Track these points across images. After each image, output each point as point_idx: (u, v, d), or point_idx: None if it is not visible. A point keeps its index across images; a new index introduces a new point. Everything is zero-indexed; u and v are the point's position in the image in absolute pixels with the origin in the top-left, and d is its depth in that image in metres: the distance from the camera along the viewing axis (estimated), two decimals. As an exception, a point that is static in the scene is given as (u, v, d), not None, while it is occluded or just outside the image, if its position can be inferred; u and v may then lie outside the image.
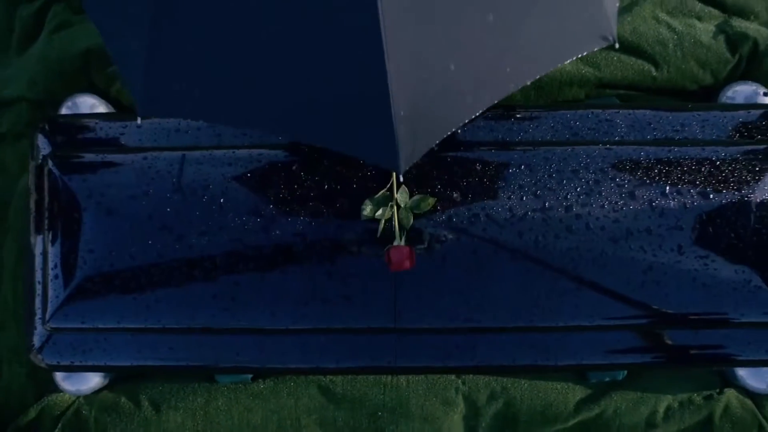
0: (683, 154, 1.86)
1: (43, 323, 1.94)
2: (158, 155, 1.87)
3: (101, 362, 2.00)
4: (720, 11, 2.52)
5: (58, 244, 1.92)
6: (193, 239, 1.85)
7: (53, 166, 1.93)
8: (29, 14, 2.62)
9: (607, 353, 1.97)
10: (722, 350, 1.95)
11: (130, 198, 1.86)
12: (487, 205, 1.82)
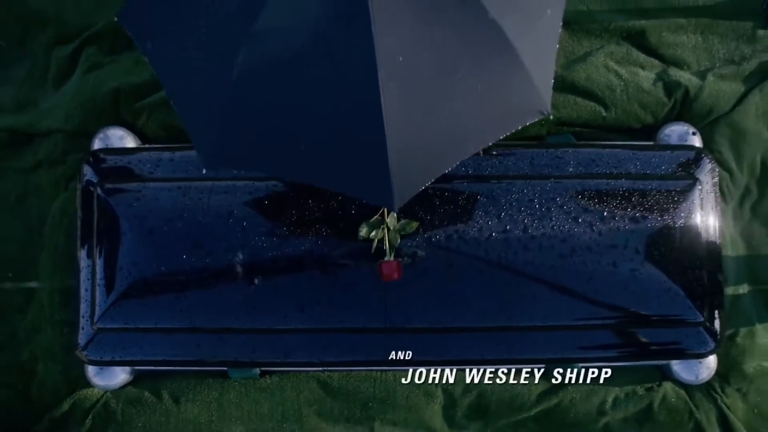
0: (618, 186, 2.34)
1: (92, 324, 2.35)
2: (190, 185, 2.30)
3: (138, 357, 2.41)
4: (660, 61, 3.02)
5: (104, 257, 2.33)
6: (218, 255, 2.28)
7: (99, 192, 2.35)
8: (64, 55, 3.04)
9: (559, 349, 2.42)
10: (651, 346, 2.42)
11: (167, 220, 2.28)
12: (460, 227, 2.27)
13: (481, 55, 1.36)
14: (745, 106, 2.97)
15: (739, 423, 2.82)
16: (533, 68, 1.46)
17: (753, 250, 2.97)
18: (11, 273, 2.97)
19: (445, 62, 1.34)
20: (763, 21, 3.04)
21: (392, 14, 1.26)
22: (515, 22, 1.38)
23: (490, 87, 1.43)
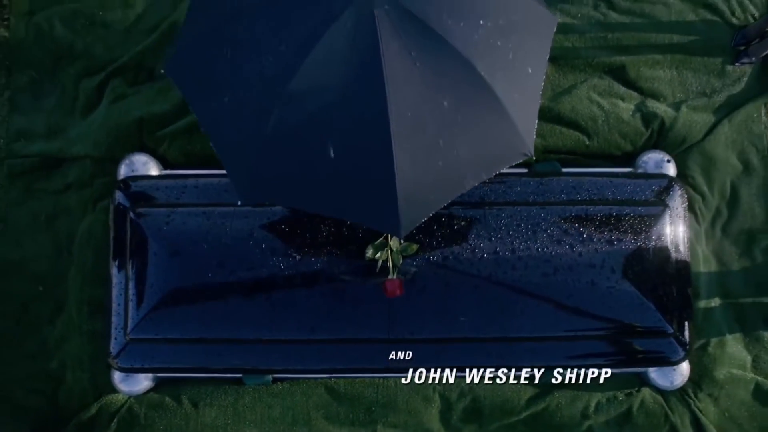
0: (597, 211, 2.63)
1: (124, 335, 2.62)
2: (213, 210, 2.59)
3: (164, 365, 2.69)
4: (638, 94, 3.32)
5: (135, 275, 2.61)
6: (239, 273, 2.55)
7: (131, 215, 2.63)
8: (91, 86, 3.32)
9: (544, 358, 2.71)
10: (627, 355, 2.71)
11: (192, 241, 2.56)
12: (455, 249, 2.57)
13: (474, 110, 1.64)
14: (716, 135, 3.27)
15: (711, 426, 3.11)
16: (518, 119, 1.75)
17: (724, 267, 3.26)
18: (42, 287, 3.24)
19: (444, 116, 1.62)
20: (731, 57, 3.35)
21: (402, 79, 1.54)
22: (503, 81, 1.66)
23: (481, 136, 1.72)
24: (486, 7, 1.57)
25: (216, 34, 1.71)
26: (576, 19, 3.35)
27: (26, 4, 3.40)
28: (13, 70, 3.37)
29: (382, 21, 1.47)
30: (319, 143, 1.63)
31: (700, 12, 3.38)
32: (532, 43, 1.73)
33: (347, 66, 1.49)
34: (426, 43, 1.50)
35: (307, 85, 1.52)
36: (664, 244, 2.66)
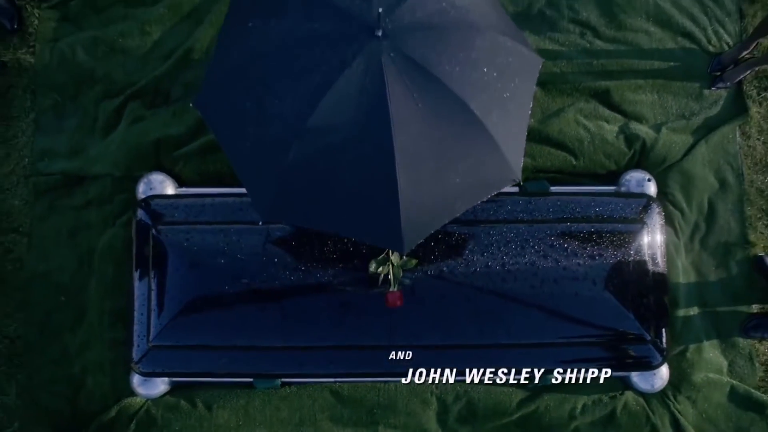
0: (581, 229, 2.88)
1: (147, 342, 2.85)
2: (229, 228, 2.83)
3: (182, 370, 2.92)
4: (622, 116, 3.57)
5: (157, 287, 2.84)
6: (253, 286, 2.79)
7: (153, 232, 2.87)
8: (111, 109, 3.55)
9: (533, 363, 2.95)
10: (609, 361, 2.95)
11: (210, 255, 2.80)
12: (450, 263, 2.81)
13: (468, 144, 1.88)
14: (694, 155, 3.53)
15: (689, 426, 3.34)
16: (507, 150, 1.98)
17: (702, 278, 3.51)
18: (64, 297, 3.46)
19: (442, 149, 1.86)
20: (708, 82, 3.61)
21: (405, 117, 1.78)
22: (494, 117, 1.89)
23: (474, 166, 1.96)
24: (480, 54, 1.81)
25: (241, 73, 1.95)
26: (564, 47, 3.61)
27: (51, 31, 3.64)
28: (37, 93, 3.60)
29: (388, 67, 1.72)
30: (333, 172, 1.87)
31: (679, 40, 3.64)
32: (520, 82, 1.98)
33: (358, 106, 1.73)
34: (426, 86, 1.75)
35: (323, 122, 1.76)
36: (642, 258, 2.92)
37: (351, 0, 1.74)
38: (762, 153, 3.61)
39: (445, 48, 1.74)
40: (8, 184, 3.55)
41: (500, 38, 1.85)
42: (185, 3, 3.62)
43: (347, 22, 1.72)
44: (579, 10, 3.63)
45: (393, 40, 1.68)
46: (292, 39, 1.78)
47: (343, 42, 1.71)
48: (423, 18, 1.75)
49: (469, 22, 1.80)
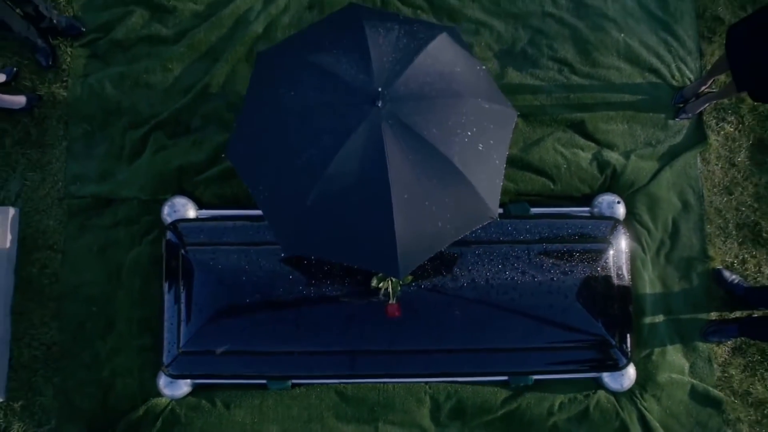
0: (555, 248, 3.35)
1: (177, 348, 3.31)
2: (249, 248, 3.28)
3: (206, 372, 3.37)
4: (595, 144, 4.03)
5: (185, 300, 3.30)
6: (271, 299, 3.25)
7: (182, 252, 3.33)
8: (136, 138, 3.99)
9: (515, 366, 3.42)
10: (580, 363, 3.42)
11: (233, 272, 3.25)
12: (442, 279, 3.28)
13: (452, 191, 2.31)
14: (659, 180, 3.99)
15: (654, 421, 3.80)
16: (485, 194, 2.41)
17: (667, 289, 3.97)
18: (95, 308, 3.89)
19: (430, 196, 2.29)
20: (672, 113, 4.07)
21: (400, 171, 2.21)
22: (473, 169, 2.32)
23: (457, 208, 2.39)
24: (462, 118, 2.26)
25: (266, 131, 2.40)
26: (544, 81, 4.07)
27: (81, 68, 4.08)
28: (69, 123, 4.02)
29: (386, 131, 2.17)
30: (342, 215, 2.32)
31: (647, 76, 4.11)
32: (496, 136, 2.43)
33: (363, 162, 2.18)
34: (417, 146, 2.19)
35: (335, 175, 2.21)
36: (608, 273, 3.40)
37: (356, 75, 2.19)
38: (720, 177, 4.08)
39: (433, 115, 2.19)
40: (44, 205, 3.98)
41: (479, 102, 2.31)
42: (203, 43, 4.06)
43: (353, 94, 2.17)
44: (557, 49, 4.10)
45: (390, 109, 2.13)
46: (309, 106, 2.23)
47: (351, 110, 2.16)
48: (415, 89, 2.20)
49: (453, 91, 2.25)
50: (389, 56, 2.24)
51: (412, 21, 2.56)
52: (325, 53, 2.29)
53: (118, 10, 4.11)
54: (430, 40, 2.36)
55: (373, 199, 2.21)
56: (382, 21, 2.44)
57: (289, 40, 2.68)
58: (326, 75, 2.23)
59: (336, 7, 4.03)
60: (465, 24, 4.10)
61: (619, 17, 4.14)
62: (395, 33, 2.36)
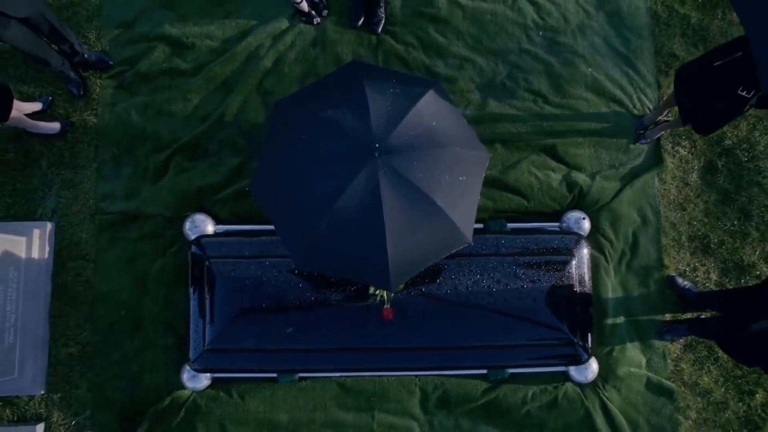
0: (526, 260, 4.03)
1: (203, 346, 3.96)
2: (264, 260, 3.93)
3: (226, 367, 4.02)
4: (565, 167, 4.69)
5: (209, 305, 3.95)
6: (283, 304, 3.91)
7: (207, 264, 3.98)
8: (159, 161, 4.62)
9: (494, 360, 4.09)
10: (548, 358, 4.10)
11: (250, 281, 3.90)
12: (429, 286, 3.97)
13: (434, 224, 2.88)
14: (621, 198, 4.66)
15: (615, 409, 4.48)
16: (461, 224, 3.00)
17: (627, 293, 4.65)
18: (123, 311, 4.53)
19: (416, 227, 2.89)
20: (633, 139, 4.74)
21: (392, 207, 2.81)
22: (452, 204, 2.92)
23: (438, 236, 2.99)
24: (442, 165, 2.87)
25: (282, 172, 3.02)
26: (520, 111, 4.72)
27: (109, 97, 4.70)
28: (99, 147, 4.65)
29: (382, 177, 2.78)
30: (346, 241, 2.94)
31: (611, 105, 4.78)
32: (471, 176, 3.06)
33: (362, 200, 2.80)
34: (406, 189, 2.79)
35: (341, 208, 2.82)
36: (571, 282, 4.07)
37: (358, 130, 2.81)
38: (675, 194, 4.76)
39: (420, 163, 2.82)
40: (77, 220, 4.61)
41: (458, 150, 2.95)
42: (218, 76, 4.70)
43: (355, 146, 2.78)
44: (532, 82, 4.76)
45: (385, 160, 2.76)
46: (319, 154, 2.86)
47: (353, 159, 2.78)
48: (406, 141, 2.83)
49: (438, 143, 2.89)
50: (385, 113, 2.87)
51: (405, 78, 3.20)
52: (332, 109, 2.91)
53: (142, 45, 4.74)
54: (419, 97, 2.99)
55: (370, 230, 2.84)
56: (380, 79, 3.07)
57: (303, 92, 3.32)
58: (333, 129, 2.85)
59: (336, 46, 4.71)
60: (451, 59, 4.76)
61: (587, 54, 4.81)
62: (391, 91, 2.99)
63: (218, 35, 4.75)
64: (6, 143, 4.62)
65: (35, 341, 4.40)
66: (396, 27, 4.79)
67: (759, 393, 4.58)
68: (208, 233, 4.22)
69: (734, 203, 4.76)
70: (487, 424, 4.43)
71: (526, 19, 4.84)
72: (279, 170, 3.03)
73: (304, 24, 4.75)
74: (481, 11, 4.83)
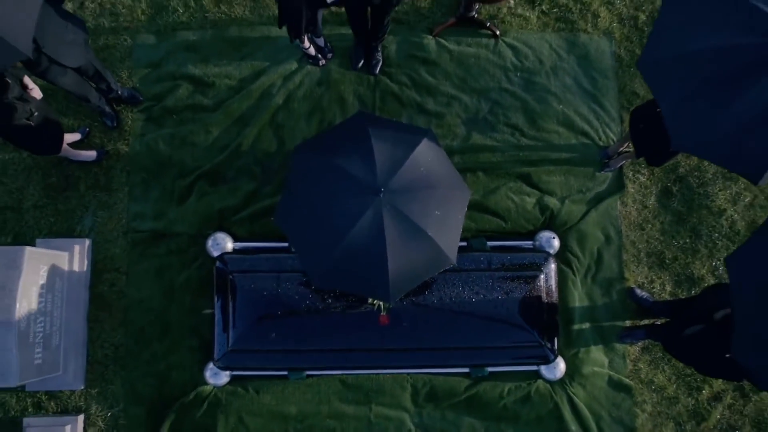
0: (502, 274, 4.89)
1: (227, 346, 4.79)
2: (279, 274, 4.77)
3: (247, 365, 4.87)
4: (539, 192, 5.55)
5: (231, 312, 4.79)
6: (294, 311, 4.75)
7: (230, 277, 4.81)
8: (184, 185, 5.45)
9: (475, 360, 4.96)
10: (521, 358, 4.97)
11: (269, 292, 4.74)
12: (419, 297, 4.84)
13: (425, 250, 3.70)
14: (587, 219, 5.53)
15: (580, 403, 5.34)
16: (447, 249, 3.81)
17: (592, 303, 5.52)
18: (153, 317, 5.35)
19: (410, 253, 3.69)
20: (599, 167, 5.61)
21: (393, 238, 3.64)
22: (440, 234, 3.76)
23: (427, 259, 3.83)
24: (434, 202, 3.69)
25: (302, 206, 3.85)
26: (500, 143, 5.58)
27: (140, 129, 5.52)
28: (130, 173, 5.47)
29: (385, 214, 3.59)
30: (355, 263, 3.76)
31: (580, 138, 5.65)
32: (456, 210, 3.89)
33: (369, 232, 3.62)
34: (404, 223, 3.59)
35: (351, 239, 3.63)
36: (539, 294, 4.95)
37: (365, 174, 3.63)
38: (635, 216, 5.64)
39: (415, 202, 3.65)
40: (111, 237, 5.42)
41: (446, 191, 3.79)
42: (235, 111, 5.53)
43: (364, 188, 3.60)
44: (510, 117, 5.62)
45: (387, 199, 3.59)
46: (332, 194, 3.69)
47: (361, 198, 3.59)
48: (405, 183, 3.66)
49: (430, 184, 3.72)
50: (388, 160, 3.70)
51: (402, 127, 4.04)
52: (343, 157, 3.75)
53: (168, 83, 5.57)
54: (416, 145, 3.80)
55: (375, 255, 3.67)
56: (382, 128, 3.90)
57: (318, 138, 4.15)
58: (346, 174, 3.68)
59: (339, 86, 5.56)
60: (439, 97, 5.62)
61: (559, 92, 5.69)
62: (391, 140, 3.82)
63: (236, 75, 5.59)
64: (49, 169, 5.44)
65: (76, 343, 5.22)
66: (392, 69, 5.64)
67: (705, 389, 5.47)
68: (228, 250, 5.06)
69: (686, 224, 5.64)
70: (469, 416, 5.29)
71: (506, 62, 5.71)
72: (300, 207, 3.86)
73: (311, 66, 5.60)
74: (467, 55, 5.70)
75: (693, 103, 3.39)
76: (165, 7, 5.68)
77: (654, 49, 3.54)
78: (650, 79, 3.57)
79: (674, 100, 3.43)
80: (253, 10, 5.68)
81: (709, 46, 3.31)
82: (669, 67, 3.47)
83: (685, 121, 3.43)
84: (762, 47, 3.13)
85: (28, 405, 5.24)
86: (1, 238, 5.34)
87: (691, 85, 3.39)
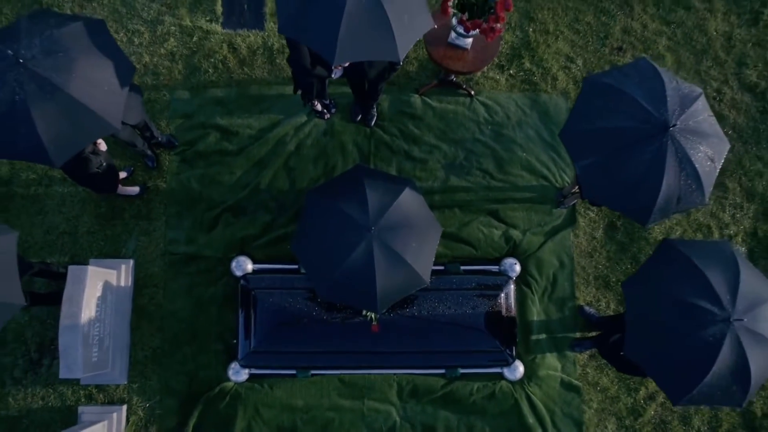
0: (471, 293, 6.38)
1: (249, 348, 6.24)
2: (292, 291, 6.25)
3: (266, 364, 6.33)
4: (504, 225, 7.04)
5: (253, 321, 6.25)
6: (303, 320, 6.22)
7: (252, 294, 6.28)
8: (211, 216, 6.92)
9: (448, 362, 6.42)
10: (486, 361, 6.43)
11: (284, 306, 6.21)
12: (404, 310, 6.34)
13: (405, 274, 5.12)
14: (544, 248, 7.00)
15: (537, 400, 6.76)
16: (422, 272, 5.23)
17: (548, 317, 6.97)
18: (184, 325, 6.77)
19: (394, 276, 5.13)
20: (555, 204, 7.09)
21: (382, 263, 5.10)
22: (417, 261, 5.23)
23: (405, 280, 5.29)
24: (413, 239, 5.14)
25: (311, 238, 5.32)
26: (473, 184, 7.07)
27: (175, 168, 6.99)
28: (167, 205, 6.93)
29: (375, 247, 4.99)
30: (351, 283, 5.19)
31: (540, 180, 7.14)
32: (430, 243, 5.34)
33: (362, 260, 5.01)
34: (391, 254, 5.01)
35: (348, 264, 5.05)
36: (500, 309, 6.43)
37: (361, 216, 5.09)
38: (585, 245, 7.11)
39: (400, 238, 5.08)
40: (151, 258, 6.87)
41: (422, 229, 5.24)
42: (255, 155, 7.01)
43: (359, 226, 5.04)
44: (482, 162, 7.12)
45: (377, 235, 5.02)
46: (334, 230, 5.13)
47: (356, 233, 4.97)
48: (390, 223, 5.11)
49: (411, 224, 5.16)
50: (378, 204, 5.16)
51: (391, 178, 5.51)
52: (342, 201, 5.19)
53: (199, 131, 7.06)
54: (400, 192, 5.26)
55: (366, 276, 5.08)
56: (374, 179, 5.37)
57: (326, 185, 5.60)
58: (344, 213, 5.13)
59: (341, 135, 7.08)
60: (423, 146, 7.12)
61: (523, 142, 7.19)
62: (381, 188, 5.28)
63: (255, 126, 7.08)
64: (100, 201, 6.91)
65: (121, 345, 6.65)
66: (384, 122, 7.15)
67: (642, 390, 6.91)
68: (248, 270, 6.53)
69: (628, 252, 7.12)
70: (444, 410, 6.70)
71: (479, 117, 7.23)
72: (309, 238, 5.34)
73: (317, 119, 7.11)
74: (446, 111, 7.21)
75: (599, 165, 4.90)
76: (198, 68, 7.19)
77: (572, 125, 5.06)
78: (569, 146, 5.08)
79: (585, 163, 4.93)
80: (270, 72, 7.19)
81: (609, 125, 4.83)
82: (581, 138, 4.98)
83: (594, 179, 4.94)
84: (638, 130, 4.67)
85: (81, 396, 6.65)
86: (61, 258, 6.79)
87: (597, 152, 4.89)
